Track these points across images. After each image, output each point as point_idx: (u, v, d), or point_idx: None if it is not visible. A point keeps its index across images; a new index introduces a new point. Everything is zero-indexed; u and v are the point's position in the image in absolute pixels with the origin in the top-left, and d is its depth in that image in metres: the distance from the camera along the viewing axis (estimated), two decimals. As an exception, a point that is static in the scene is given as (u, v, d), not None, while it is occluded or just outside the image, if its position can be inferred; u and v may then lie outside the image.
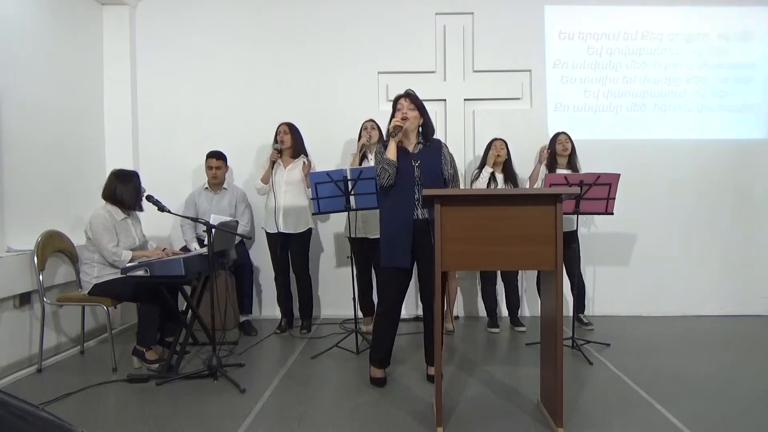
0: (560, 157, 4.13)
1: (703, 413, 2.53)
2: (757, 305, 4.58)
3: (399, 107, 2.90)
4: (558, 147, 4.12)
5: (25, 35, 3.53)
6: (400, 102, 2.91)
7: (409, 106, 2.88)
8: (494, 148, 4.08)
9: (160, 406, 2.69)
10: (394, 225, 2.85)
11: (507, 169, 4.14)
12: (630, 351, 3.57)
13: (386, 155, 2.83)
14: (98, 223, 3.27)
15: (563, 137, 4.15)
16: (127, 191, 3.35)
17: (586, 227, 4.55)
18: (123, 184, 3.36)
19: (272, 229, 4.01)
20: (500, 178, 4.10)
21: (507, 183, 4.10)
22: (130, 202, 3.37)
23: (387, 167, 2.81)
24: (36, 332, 3.33)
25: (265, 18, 4.60)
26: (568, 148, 4.12)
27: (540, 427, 2.40)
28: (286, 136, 4.01)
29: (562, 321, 2.34)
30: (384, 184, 2.83)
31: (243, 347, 3.72)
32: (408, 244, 2.82)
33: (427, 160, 2.89)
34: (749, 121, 4.66)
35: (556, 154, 4.14)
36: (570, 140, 4.15)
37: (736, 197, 4.63)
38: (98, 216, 3.30)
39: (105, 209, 3.35)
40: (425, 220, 2.83)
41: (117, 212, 3.37)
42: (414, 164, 2.86)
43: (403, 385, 2.97)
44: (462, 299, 4.62)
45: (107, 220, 3.29)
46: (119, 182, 3.36)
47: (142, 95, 4.57)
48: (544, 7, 4.62)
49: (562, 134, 4.17)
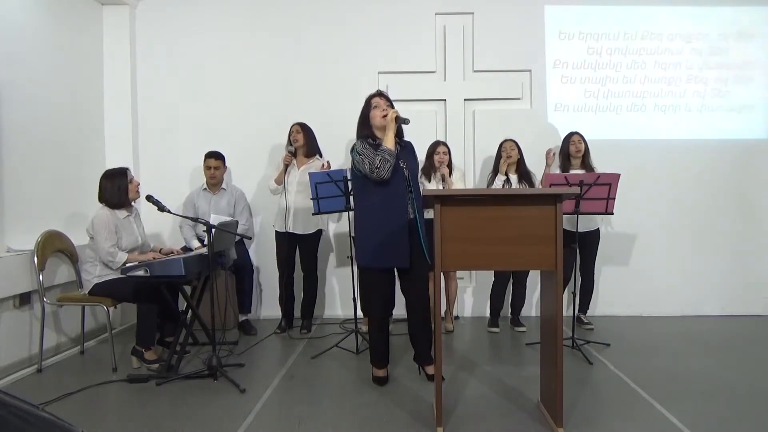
0: (574, 158, 4.10)
1: (703, 413, 2.53)
2: (758, 305, 4.58)
3: (375, 105, 2.90)
4: (571, 148, 4.08)
5: (25, 35, 3.53)
6: (375, 100, 2.91)
7: (386, 104, 2.89)
8: (504, 150, 4.05)
9: (160, 406, 2.69)
10: (387, 224, 2.80)
11: (521, 169, 4.12)
12: (630, 351, 3.57)
13: (385, 145, 2.79)
14: (99, 221, 3.28)
15: (576, 138, 4.10)
16: (111, 189, 3.34)
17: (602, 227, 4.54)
18: (108, 182, 3.36)
19: (282, 228, 4.02)
20: (514, 179, 4.08)
21: (521, 183, 4.07)
22: (113, 200, 3.34)
23: (388, 157, 2.75)
24: (36, 332, 3.33)
25: (265, 18, 4.60)
26: (581, 149, 4.07)
27: (540, 427, 2.40)
28: (299, 135, 4.01)
29: (562, 321, 2.35)
30: (383, 176, 2.74)
31: (243, 347, 3.72)
32: (406, 244, 2.82)
33: (408, 160, 2.92)
34: (749, 121, 4.66)
35: (570, 155, 4.10)
36: (583, 140, 4.10)
37: (736, 197, 4.63)
38: (100, 215, 3.32)
39: (107, 209, 3.36)
40: (414, 219, 2.86)
41: (120, 211, 3.38)
42: (402, 165, 2.87)
43: (403, 385, 2.97)
44: (462, 299, 4.62)
45: (108, 219, 3.30)
46: (105, 181, 3.38)
47: (142, 95, 4.57)
48: (544, 7, 4.62)
49: (575, 134, 4.12)
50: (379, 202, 2.82)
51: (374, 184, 2.79)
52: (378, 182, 2.78)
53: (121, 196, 3.36)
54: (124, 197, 3.37)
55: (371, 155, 2.77)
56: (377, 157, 2.75)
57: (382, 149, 2.78)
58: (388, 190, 2.81)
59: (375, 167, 2.74)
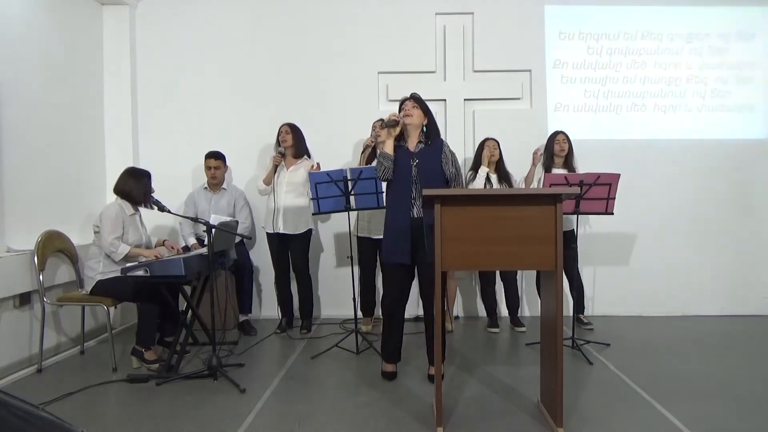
0: (557, 157, 4.10)
1: (703, 413, 2.53)
2: (758, 305, 4.58)
3: (402, 108, 2.99)
4: (555, 147, 4.08)
5: (25, 35, 3.53)
6: (405, 104, 3.00)
7: (413, 105, 2.96)
8: (488, 148, 4.02)
9: (160, 406, 2.69)
10: (394, 222, 2.94)
11: (500, 169, 4.13)
12: (630, 351, 3.57)
13: (383, 149, 2.94)
14: (108, 213, 3.33)
15: (561, 137, 4.10)
16: (137, 187, 3.41)
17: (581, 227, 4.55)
18: (134, 180, 3.43)
19: (271, 229, 4.02)
20: (494, 178, 4.08)
21: (501, 183, 4.09)
22: (137, 197, 3.42)
23: (382, 160, 2.91)
24: (36, 332, 3.33)
25: (265, 18, 4.60)
26: (566, 148, 4.07)
27: (540, 427, 2.40)
28: (288, 135, 4.01)
29: (562, 321, 2.35)
30: (381, 178, 2.96)
31: (243, 347, 3.72)
32: (407, 241, 2.88)
33: (426, 159, 2.94)
34: (749, 121, 4.66)
35: (553, 154, 4.11)
36: (568, 140, 4.10)
37: (736, 197, 4.63)
38: (110, 207, 3.38)
39: (117, 203, 3.40)
40: (420, 219, 2.88)
41: (128, 207, 3.43)
42: (412, 163, 2.91)
43: (403, 385, 2.97)
44: (462, 299, 4.62)
45: (117, 213, 3.34)
46: (131, 178, 3.44)
47: (141, 95, 4.57)
48: (544, 7, 4.62)
49: (560, 134, 4.12)
50: (390, 200, 3.01)
51: (390, 185, 2.97)
52: (387, 182, 2.99)
53: (146, 197, 3.41)
54: (146, 198, 3.42)
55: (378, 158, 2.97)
56: (377, 161, 2.95)
57: (380, 153, 2.94)
58: (395, 189, 2.95)
59: (377, 170, 2.96)
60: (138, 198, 3.42)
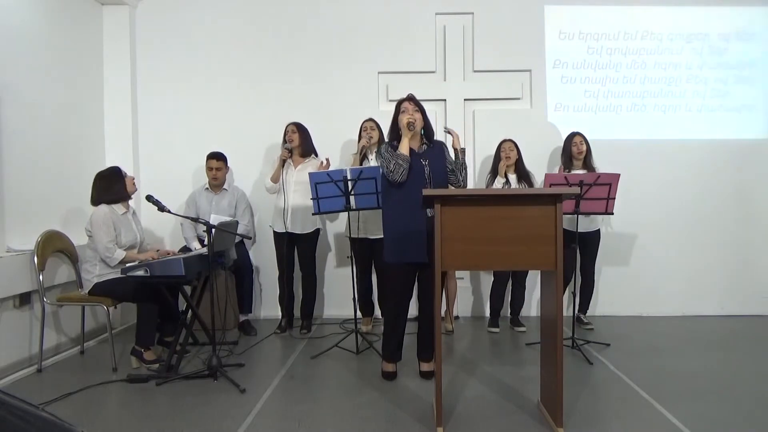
0: (576, 159, 4.10)
1: (703, 413, 2.53)
2: (758, 305, 4.58)
3: (404, 110, 2.98)
4: (573, 149, 4.08)
5: (25, 35, 3.53)
6: (404, 105, 2.99)
7: (414, 109, 2.97)
8: (503, 151, 4.05)
9: (160, 406, 2.69)
10: (405, 222, 2.89)
11: (519, 168, 4.13)
12: (630, 351, 3.57)
13: (400, 150, 2.89)
14: (98, 217, 3.31)
15: (578, 138, 4.09)
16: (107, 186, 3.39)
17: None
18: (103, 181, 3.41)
19: (280, 228, 4.02)
20: (513, 178, 4.08)
21: (521, 183, 4.08)
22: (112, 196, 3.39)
23: (402, 162, 2.86)
24: (36, 332, 3.33)
25: (265, 18, 4.60)
26: (583, 150, 4.06)
27: (540, 427, 2.40)
28: (295, 135, 4.01)
29: (562, 321, 2.35)
30: (398, 180, 2.87)
31: (243, 347, 3.72)
32: (422, 240, 2.87)
33: (434, 159, 2.97)
34: (749, 121, 4.66)
35: (572, 156, 4.10)
36: (585, 141, 4.09)
37: (736, 197, 4.63)
38: (98, 211, 3.34)
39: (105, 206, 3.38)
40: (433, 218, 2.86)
41: (118, 207, 3.42)
42: (424, 163, 2.94)
43: (403, 385, 2.97)
44: (463, 299, 4.62)
45: (107, 216, 3.33)
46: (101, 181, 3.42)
47: (142, 95, 4.57)
48: (544, 7, 4.62)
49: (577, 135, 4.11)
50: (398, 201, 2.93)
51: (397, 184, 2.90)
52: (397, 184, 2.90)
53: (121, 191, 3.40)
54: (123, 191, 3.41)
55: (389, 159, 2.89)
56: (391, 162, 2.88)
57: (397, 154, 2.89)
58: (406, 190, 2.89)
59: (390, 171, 2.88)
60: (118, 194, 3.40)
